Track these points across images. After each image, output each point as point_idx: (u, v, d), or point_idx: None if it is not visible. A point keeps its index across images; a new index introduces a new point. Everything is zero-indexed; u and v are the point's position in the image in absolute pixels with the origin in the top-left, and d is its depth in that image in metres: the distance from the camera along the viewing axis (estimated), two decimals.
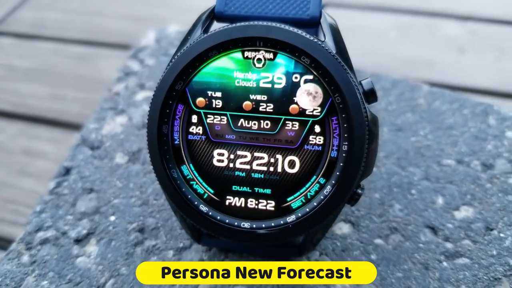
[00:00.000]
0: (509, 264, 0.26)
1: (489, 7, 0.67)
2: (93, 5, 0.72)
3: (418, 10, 0.68)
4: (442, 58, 0.61)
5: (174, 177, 0.25)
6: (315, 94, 0.23)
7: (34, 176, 0.49)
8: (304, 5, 0.24)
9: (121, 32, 0.67)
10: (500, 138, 0.32)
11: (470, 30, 0.64)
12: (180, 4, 0.71)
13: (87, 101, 0.57)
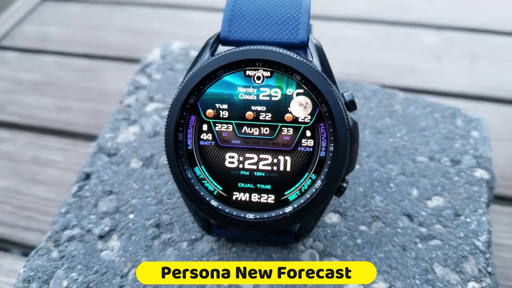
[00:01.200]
0: (474, 244, 0.31)
1: (463, 17, 0.72)
2: (94, 20, 0.76)
3: (398, 21, 0.73)
4: (421, 65, 0.66)
5: (189, 177, 0.29)
6: (306, 104, 0.28)
7: (44, 183, 0.53)
8: (294, 31, 0.29)
9: (122, 46, 0.71)
10: (466, 137, 0.37)
11: (446, 38, 0.69)
12: (178, 17, 0.76)
13: (93, 112, 0.61)
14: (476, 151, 0.36)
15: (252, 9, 0.30)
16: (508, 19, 0.71)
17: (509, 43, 0.67)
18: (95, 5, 0.80)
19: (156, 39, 0.71)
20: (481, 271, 0.30)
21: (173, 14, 0.76)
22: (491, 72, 0.63)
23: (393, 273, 0.30)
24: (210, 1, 0.79)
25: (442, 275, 0.30)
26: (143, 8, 0.78)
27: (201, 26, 0.73)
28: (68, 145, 0.58)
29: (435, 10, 0.74)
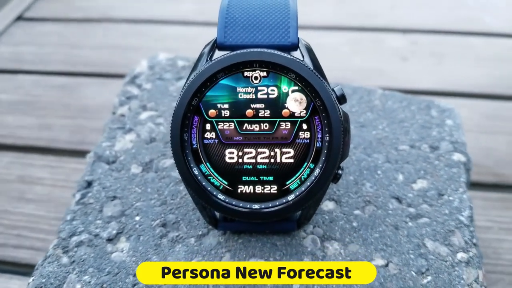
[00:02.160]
0: (459, 219, 0.34)
1: (426, 20, 0.77)
2: (69, 38, 0.77)
3: (365, 27, 0.77)
4: (389, 67, 0.70)
5: (195, 174, 0.31)
6: (301, 100, 0.30)
7: (33, 201, 0.53)
8: (285, 34, 0.32)
9: (100, 62, 0.72)
10: (442, 125, 0.41)
11: (411, 41, 0.74)
12: (154, 32, 0.77)
13: (75, 127, 0.62)
14: (452, 137, 0.40)
15: (244, 16, 0.32)
16: (467, 20, 0.76)
17: (470, 42, 0.72)
18: (69, 24, 0.80)
19: (134, 54, 0.73)
20: (467, 242, 0.33)
21: (149, 29, 0.78)
22: (455, 70, 0.68)
23: (389, 250, 0.33)
24: (186, 15, 0.81)
25: (433, 249, 0.33)
26: (119, 25, 0.79)
27: (178, 40, 0.76)
28: (53, 162, 0.58)
29: (398, 15, 0.79)
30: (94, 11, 0.83)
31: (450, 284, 0.31)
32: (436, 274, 0.31)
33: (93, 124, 0.62)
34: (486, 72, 0.67)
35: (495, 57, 0.70)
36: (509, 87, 0.65)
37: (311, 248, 0.33)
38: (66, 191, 0.54)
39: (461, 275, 0.31)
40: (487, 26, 0.75)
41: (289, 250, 0.33)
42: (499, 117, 0.61)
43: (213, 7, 0.83)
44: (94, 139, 0.59)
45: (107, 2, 0.85)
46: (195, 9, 0.82)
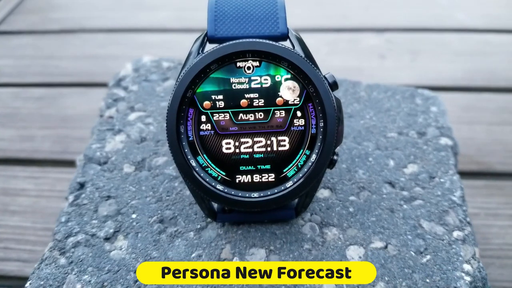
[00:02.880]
0: (451, 199, 0.35)
1: (400, 19, 0.79)
2: (46, 50, 0.76)
3: (342, 27, 0.79)
4: (367, 65, 0.71)
5: (193, 165, 0.31)
6: (294, 88, 0.31)
7: (18, 213, 0.52)
8: (275, 25, 0.32)
9: (78, 72, 0.72)
10: (427, 112, 0.42)
11: (387, 39, 0.76)
12: (132, 41, 0.77)
13: (57, 137, 0.61)
14: (438, 123, 0.41)
15: (233, 9, 0.33)
16: (440, 18, 0.79)
17: (444, 38, 0.75)
18: (45, 35, 0.79)
19: (113, 62, 0.72)
20: (461, 221, 0.34)
21: (127, 37, 0.78)
22: (431, 66, 0.70)
23: (387, 232, 0.33)
24: (163, 23, 0.81)
25: (429, 229, 0.33)
26: (96, 35, 0.79)
27: (157, 47, 0.76)
28: (36, 173, 0.57)
29: (372, 15, 0.81)
30: (70, 22, 0.82)
31: (449, 261, 0.31)
32: (434, 252, 0.32)
33: (76, 133, 0.62)
34: (461, 66, 0.70)
35: (469, 52, 0.72)
36: (484, 80, 0.67)
37: (310, 235, 0.33)
38: (52, 201, 0.53)
39: (459, 252, 0.32)
40: (459, 23, 0.77)
41: (289, 238, 0.33)
42: (476, 108, 0.63)
43: (190, 14, 0.84)
44: (78, 148, 0.58)
45: (82, 13, 0.84)
46: (172, 16, 0.83)
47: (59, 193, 0.54)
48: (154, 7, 0.85)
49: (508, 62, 0.69)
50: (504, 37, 0.74)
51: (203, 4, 0.92)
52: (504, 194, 0.52)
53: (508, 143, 0.57)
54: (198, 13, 0.82)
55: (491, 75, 0.68)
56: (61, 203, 0.52)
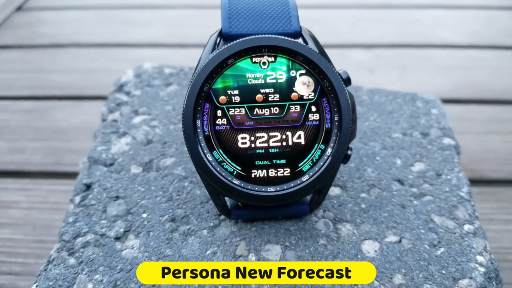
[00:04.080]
0: (459, 195, 0.36)
1: (387, 36, 0.82)
2: (36, 64, 0.75)
3: (330, 44, 0.81)
4: (357, 79, 0.72)
5: (209, 160, 0.31)
6: (308, 83, 0.31)
7: (9, 225, 0.51)
8: (288, 22, 0.33)
9: (69, 85, 0.71)
10: (429, 114, 0.43)
11: (375, 55, 0.78)
12: (125, 55, 0.77)
13: (48, 149, 0.60)
14: (439, 124, 0.42)
15: (246, 8, 0.33)
16: (424, 34, 0.82)
17: (430, 54, 0.77)
18: (35, 50, 0.79)
19: (105, 76, 0.72)
20: (471, 215, 0.35)
21: (119, 52, 0.78)
22: (419, 80, 0.72)
23: (400, 227, 0.34)
24: (155, 38, 0.81)
25: (440, 223, 0.34)
26: (87, 49, 0.78)
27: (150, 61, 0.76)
28: (28, 185, 0.56)
29: (359, 32, 0.83)
30: (60, 37, 0.82)
31: (462, 253, 0.32)
32: (448, 245, 0.32)
33: (69, 146, 0.61)
34: (447, 79, 0.72)
35: (454, 67, 0.74)
36: (470, 92, 0.69)
37: (325, 231, 0.33)
38: (44, 213, 0.52)
39: (471, 245, 0.32)
40: (443, 39, 0.80)
41: (304, 234, 0.33)
42: (465, 119, 0.65)
43: (182, 30, 0.85)
44: (71, 160, 0.57)
45: (73, 29, 0.84)
46: (164, 32, 0.83)
47: (52, 205, 0.53)
48: (145, 22, 0.86)
49: (491, 76, 0.72)
50: (485, 52, 0.77)
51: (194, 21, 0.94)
52: (497, 199, 0.53)
53: (497, 152, 0.59)
54: (189, 29, 0.83)
55: (476, 88, 0.70)
56: (54, 214, 0.51)
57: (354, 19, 0.86)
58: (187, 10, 0.89)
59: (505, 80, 0.71)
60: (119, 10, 0.89)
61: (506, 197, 0.53)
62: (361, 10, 0.90)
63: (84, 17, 0.87)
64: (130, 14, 0.88)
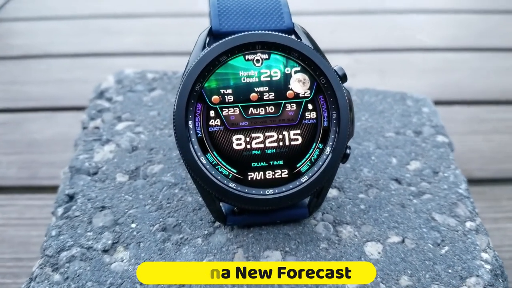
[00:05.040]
0: (458, 192, 0.35)
1: (366, 41, 0.82)
2: (8, 75, 0.72)
3: None
4: None
5: (203, 163, 0.29)
6: (304, 80, 0.30)
7: None
8: (280, 19, 0.32)
9: (44, 96, 0.68)
10: (420, 113, 0.42)
11: (355, 59, 0.78)
12: (100, 64, 0.75)
13: (23, 163, 0.57)
14: (431, 122, 0.41)
15: (236, 4, 0.32)
16: (403, 38, 0.82)
17: (409, 57, 0.77)
18: (6, 61, 0.75)
19: (81, 86, 0.69)
20: (471, 212, 0.34)
21: (95, 62, 0.75)
22: (400, 83, 0.72)
23: (402, 227, 0.32)
24: (131, 47, 0.79)
25: (442, 221, 0.33)
26: (61, 59, 0.76)
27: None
28: (2, 201, 0.53)
29: (339, 38, 0.83)
30: (33, 48, 0.79)
31: (467, 251, 0.31)
32: (451, 243, 0.31)
33: (44, 159, 0.58)
34: (427, 82, 0.72)
35: (432, 69, 0.75)
36: (450, 94, 0.69)
37: (325, 234, 0.32)
38: (20, 230, 0.49)
39: (474, 242, 0.32)
40: (421, 43, 0.81)
41: (303, 238, 0.32)
42: (447, 120, 0.64)
43: (158, 39, 0.83)
44: (48, 173, 0.55)
45: (46, 39, 0.81)
46: (140, 40, 0.81)
47: (29, 221, 0.50)
48: (121, 31, 0.83)
49: (470, 77, 0.73)
50: (464, 54, 0.78)
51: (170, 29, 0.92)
52: (485, 198, 0.53)
53: (482, 151, 0.59)
54: (166, 37, 0.82)
55: (457, 89, 0.70)
56: (31, 231, 0.49)
57: (333, 25, 0.86)
58: (163, 19, 0.88)
59: (484, 81, 0.71)
60: (94, 20, 0.86)
61: (493, 195, 0.53)
62: (340, 16, 0.90)
63: (57, 27, 0.84)
64: (105, 23, 0.86)
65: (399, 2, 0.94)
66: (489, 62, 0.76)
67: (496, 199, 0.52)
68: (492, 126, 0.63)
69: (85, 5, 0.91)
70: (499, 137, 0.61)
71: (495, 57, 0.77)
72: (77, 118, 0.62)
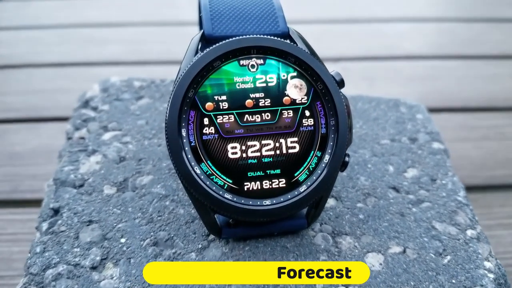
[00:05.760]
0: (457, 199, 0.34)
1: (353, 49, 0.82)
2: None
3: None
4: None
5: (198, 173, 0.28)
6: (300, 86, 0.29)
7: None
8: (275, 23, 0.31)
9: (25, 107, 0.66)
10: (414, 119, 0.42)
11: (343, 67, 0.77)
12: (82, 74, 0.73)
13: (4, 176, 0.55)
14: (426, 129, 0.41)
15: (229, 9, 0.31)
16: (389, 47, 0.82)
17: (395, 65, 0.78)
18: None
19: (63, 96, 0.68)
20: (471, 220, 0.33)
21: (77, 71, 0.74)
22: (387, 90, 0.72)
23: (402, 236, 0.31)
24: (114, 56, 0.78)
25: (442, 230, 0.32)
26: (43, 69, 0.74)
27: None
28: None
29: (325, 47, 0.82)
30: (14, 58, 0.76)
31: (469, 260, 0.30)
32: (453, 252, 0.31)
33: (26, 171, 0.56)
34: (414, 90, 0.72)
35: (419, 77, 0.75)
36: (438, 101, 0.69)
37: (324, 245, 0.31)
38: (1, 245, 0.47)
39: (476, 250, 0.31)
40: (406, 51, 0.81)
41: (302, 251, 0.30)
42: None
43: (142, 47, 0.81)
44: (30, 186, 0.53)
45: (27, 49, 0.79)
46: (122, 50, 0.80)
47: (10, 236, 0.48)
48: (104, 40, 0.82)
49: (456, 85, 0.73)
50: (449, 62, 0.79)
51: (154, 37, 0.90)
52: (477, 206, 0.52)
53: (472, 158, 0.59)
54: (149, 46, 0.80)
55: (443, 97, 0.70)
56: (12, 247, 0.47)
57: (320, 33, 0.86)
58: (146, 28, 0.86)
59: (470, 88, 0.72)
60: (76, 29, 0.84)
61: (485, 202, 0.53)
62: (326, 24, 0.90)
63: (39, 36, 0.82)
64: (88, 32, 0.84)
65: (384, 11, 0.94)
66: (473, 69, 0.76)
67: (488, 206, 0.52)
68: (481, 133, 0.63)
69: (68, 14, 0.89)
70: (489, 144, 0.61)
71: (479, 65, 0.77)
72: (60, 129, 0.60)
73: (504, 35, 0.85)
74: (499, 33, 0.86)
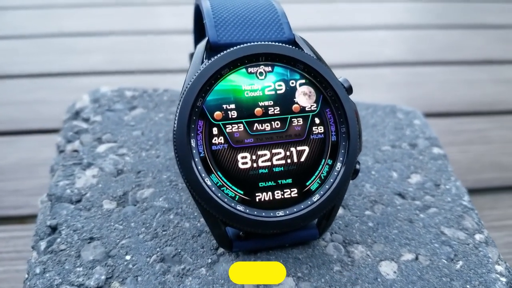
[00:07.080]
0: (462, 204, 0.34)
1: (336, 56, 0.82)
2: None
3: None
4: None
5: (208, 184, 0.27)
6: (310, 93, 0.29)
7: None
8: (280, 30, 0.30)
9: (3, 119, 0.63)
10: (412, 125, 0.42)
11: None
12: (62, 85, 0.70)
13: None
14: (425, 134, 0.41)
15: (232, 16, 0.30)
16: (371, 53, 0.83)
17: (378, 72, 0.78)
18: None
19: (42, 107, 0.65)
20: (478, 224, 0.33)
21: (59, 82, 0.71)
22: (372, 96, 0.72)
23: (413, 243, 0.31)
24: (97, 66, 0.76)
25: (452, 235, 0.32)
26: (21, 80, 0.71)
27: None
28: None
29: None
30: None
31: (481, 265, 0.30)
32: (465, 257, 0.30)
33: (8, 186, 0.53)
34: (398, 95, 0.73)
35: (402, 83, 0.76)
36: (422, 106, 0.70)
37: (337, 255, 0.30)
38: None
39: (487, 254, 0.31)
40: (389, 57, 0.82)
41: (315, 262, 0.30)
42: None
43: (124, 57, 0.79)
44: (13, 202, 0.50)
45: (3, 59, 0.76)
46: (105, 59, 0.78)
47: None
48: (83, 50, 0.80)
49: (439, 90, 0.74)
50: (431, 68, 0.80)
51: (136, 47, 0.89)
52: None
53: (458, 162, 0.59)
54: (131, 56, 0.78)
55: (427, 102, 0.71)
56: None
57: None
58: (129, 37, 0.85)
59: (452, 93, 0.73)
60: (57, 38, 0.82)
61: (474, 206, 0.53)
62: (308, 33, 0.90)
63: (17, 46, 0.79)
64: (69, 42, 0.81)
65: (365, 19, 0.96)
66: (455, 75, 0.77)
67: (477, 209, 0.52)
68: (465, 137, 0.64)
69: (47, 24, 0.87)
70: (474, 148, 0.62)
71: (460, 70, 0.79)
72: (42, 142, 0.58)
73: (483, 41, 0.87)
74: (478, 39, 0.88)
